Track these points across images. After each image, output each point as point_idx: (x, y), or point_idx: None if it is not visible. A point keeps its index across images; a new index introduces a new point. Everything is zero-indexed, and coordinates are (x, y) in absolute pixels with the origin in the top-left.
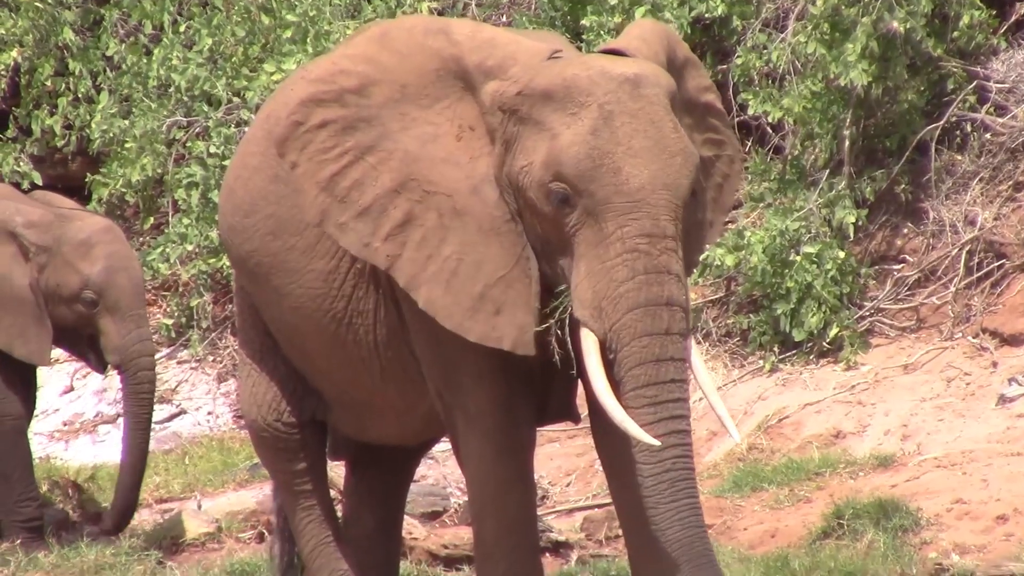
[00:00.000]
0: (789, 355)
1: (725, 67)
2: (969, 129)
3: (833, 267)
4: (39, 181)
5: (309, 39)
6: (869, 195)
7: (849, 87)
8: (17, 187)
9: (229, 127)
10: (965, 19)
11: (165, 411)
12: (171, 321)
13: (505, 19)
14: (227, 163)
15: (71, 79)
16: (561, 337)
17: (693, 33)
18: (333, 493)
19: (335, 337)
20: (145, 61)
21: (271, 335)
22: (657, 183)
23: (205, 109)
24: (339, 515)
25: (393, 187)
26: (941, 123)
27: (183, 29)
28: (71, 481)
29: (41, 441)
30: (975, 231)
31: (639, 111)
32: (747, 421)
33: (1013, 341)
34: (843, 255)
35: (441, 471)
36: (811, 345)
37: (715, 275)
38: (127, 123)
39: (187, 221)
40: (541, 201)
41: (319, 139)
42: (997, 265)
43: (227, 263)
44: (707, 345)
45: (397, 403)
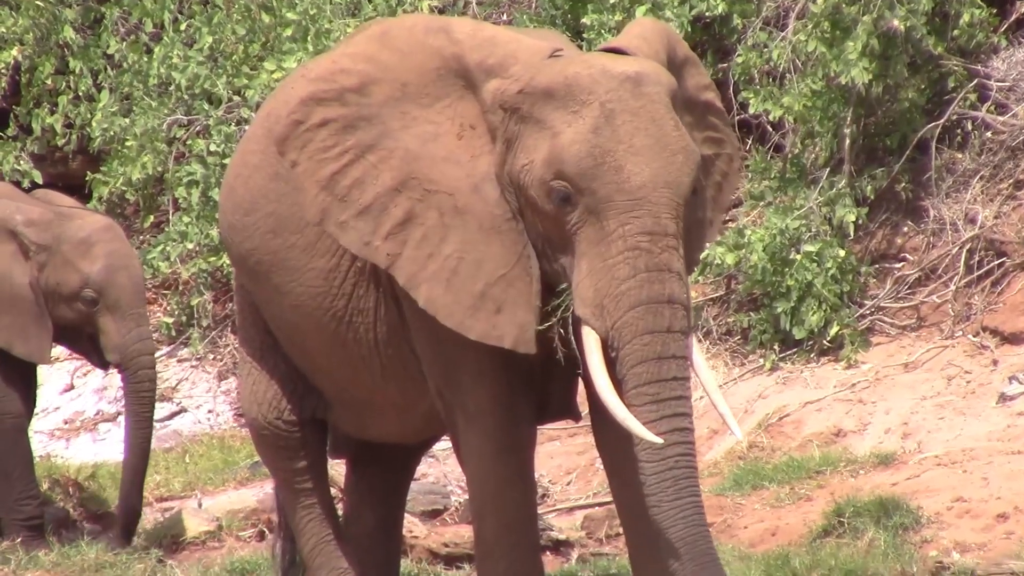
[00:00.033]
0: (790, 353)
1: (726, 65)
2: (970, 127)
3: (833, 265)
4: (39, 179)
5: (309, 37)
6: (869, 193)
7: (850, 85)
8: (17, 185)
9: (230, 125)
10: (965, 17)
11: (165, 409)
12: (171, 319)
13: (506, 17)
14: (227, 161)
15: (72, 77)
16: (564, 336)
17: (694, 31)
18: (334, 491)
19: (335, 335)
20: (146, 59)
21: (271, 333)
22: (659, 181)
23: (206, 107)
24: (340, 513)
25: (394, 186)
26: (942, 121)
27: (184, 27)
28: (71, 479)
29: (41, 439)
30: (975, 229)
31: (640, 109)
32: (748, 419)
33: (1013, 339)
34: (843, 253)
35: (442, 469)
36: (811, 343)
37: (715, 273)
38: (128, 121)
39: (187, 219)
40: (542, 199)
41: (319, 138)
42: (997, 263)
43: (227, 261)
44: (708, 343)
45: (398, 401)
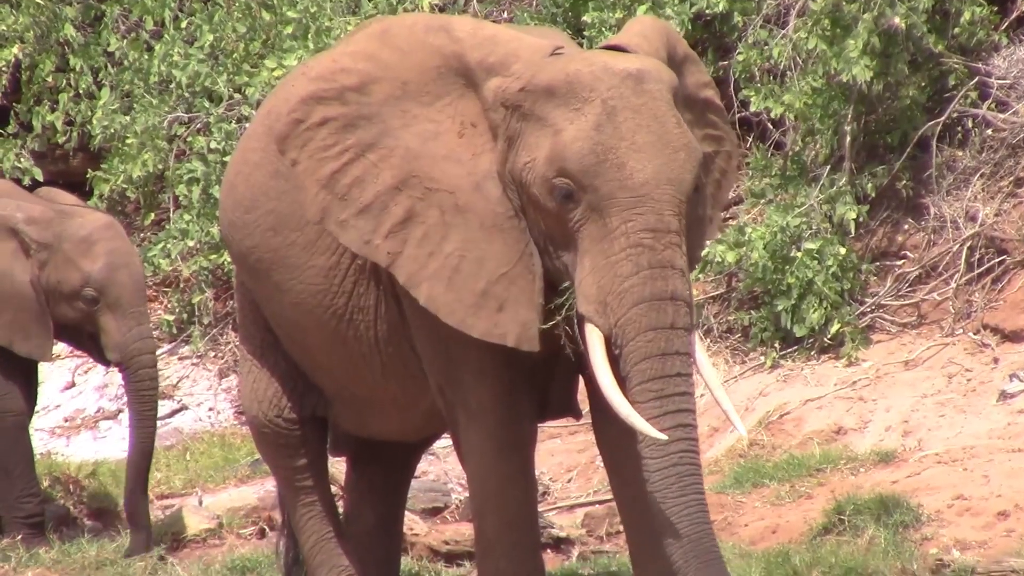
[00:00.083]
0: (790, 351)
1: (726, 63)
2: (970, 125)
3: (834, 263)
4: (40, 177)
5: (310, 35)
6: (870, 191)
7: (851, 83)
8: (18, 183)
9: (230, 123)
10: (966, 15)
11: (166, 407)
12: (172, 317)
13: (506, 15)
14: (228, 159)
15: (72, 75)
16: (571, 333)
17: (694, 29)
18: (334, 489)
19: (336, 333)
20: (146, 57)
21: (272, 331)
22: (661, 178)
23: (206, 105)
24: (340, 511)
25: (394, 184)
26: (942, 119)
27: (184, 25)
28: (72, 477)
29: (42, 437)
30: (976, 227)
31: (642, 106)
32: (748, 417)
33: (1014, 337)
34: (844, 251)
35: (442, 467)
36: (812, 341)
37: (716, 271)
38: (128, 119)
39: (188, 217)
40: (544, 197)
41: (320, 136)
42: (998, 261)
43: (228, 259)
44: (708, 341)
45: (398, 399)
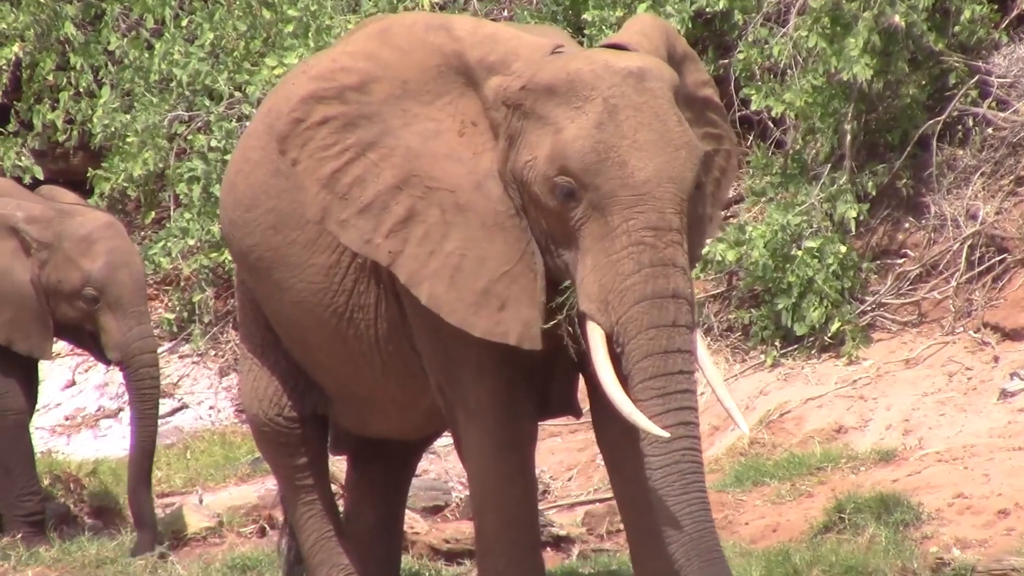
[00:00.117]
0: (791, 350)
1: (727, 62)
2: (971, 124)
3: (834, 262)
4: (40, 176)
5: (310, 34)
6: (871, 189)
7: (851, 82)
8: (19, 181)
9: (231, 121)
10: (966, 13)
11: (167, 405)
12: (173, 315)
13: (507, 14)
14: (228, 157)
15: (72, 73)
16: (574, 333)
17: (694, 27)
18: (335, 487)
19: (336, 332)
20: (147, 55)
21: (272, 330)
22: (662, 176)
23: (207, 103)
24: (341, 510)
25: (395, 183)
26: (943, 118)
27: (185, 23)
28: (73, 475)
29: (43, 435)
30: (976, 225)
31: (643, 105)
32: (749, 416)
33: (1014, 336)
34: (844, 249)
35: (443, 465)
36: (813, 340)
37: (716, 270)
38: (128, 117)
39: (188, 215)
40: (546, 195)
41: (320, 136)
42: (999, 259)
43: (229, 257)
44: (709, 340)
45: (398, 398)
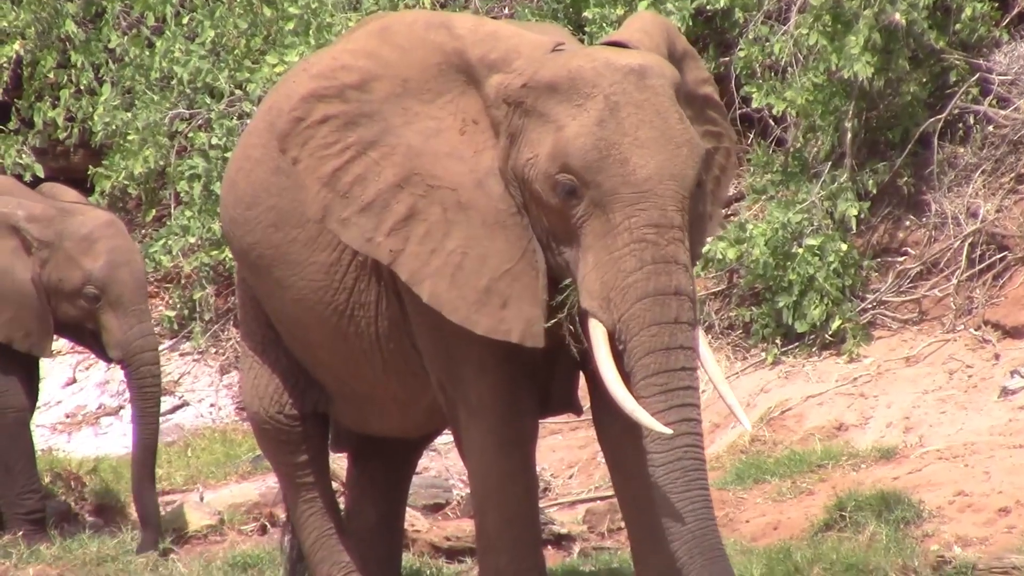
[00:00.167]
0: (791, 347)
1: (727, 59)
2: (971, 121)
3: (835, 259)
4: (41, 173)
5: (311, 31)
6: (871, 187)
7: (852, 79)
8: (19, 179)
9: (231, 119)
10: (967, 11)
11: (168, 403)
12: (173, 313)
13: (507, 11)
14: (229, 155)
15: (73, 71)
16: (575, 331)
17: (695, 25)
18: (336, 485)
19: (337, 329)
20: (147, 53)
21: (273, 327)
22: (664, 173)
23: (207, 101)
24: (342, 507)
25: (396, 182)
26: (943, 115)
27: (185, 21)
28: (73, 473)
29: (43, 433)
30: (977, 223)
31: (645, 102)
32: (750, 413)
33: (1015, 333)
34: (845, 247)
35: (443, 463)
36: (813, 337)
37: (717, 268)
38: (129, 115)
39: (189, 213)
40: (547, 193)
41: (320, 135)
42: (999, 257)
43: (229, 255)
44: (710, 338)
45: (399, 395)
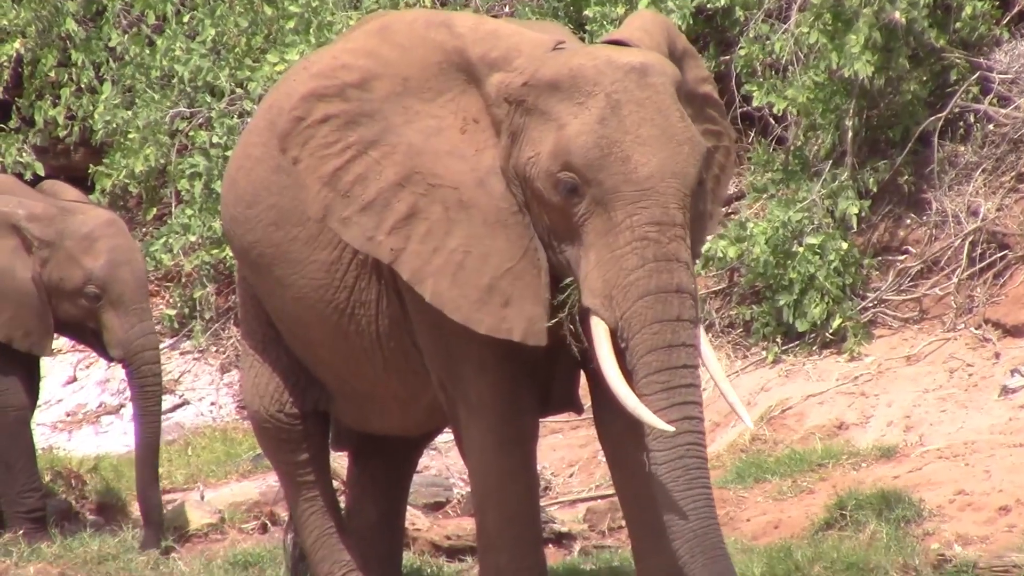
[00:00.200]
0: (792, 346)
1: (728, 58)
2: (972, 120)
3: (836, 258)
4: (41, 172)
5: (312, 30)
6: (872, 186)
7: (852, 78)
8: (20, 178)
9: (232, 118)
10: (968, 10)
11: (168, 402)
12: (174, 312)
13: (508, 10)
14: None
15: (74, 70)
16: (576, 331)
17: (695, 24)
18: (336, 484)
19: (337, 328)
20: (148, 52)
21: (274, 326)
22: (666, 171)
23: (208, 100)
24: (343, 506)
25: (397, 181)
26: (944, 114)
27: (186, 20)
28: (74, 472)
29: (44, 431)
30: (978, 222)
31: (646, 100)
32: (750, 412)
33: (1016, 332)
34: (846, 246)
35: (444, 462)
36: (814, 336)
37: (718, 266)
38: (130, 114)
39: (190, 212)
40: (549, 191)
41: (321, 134)
42: (1000, 256)
43: (230, 254)
44: (710, 336)
45: (400, 394)
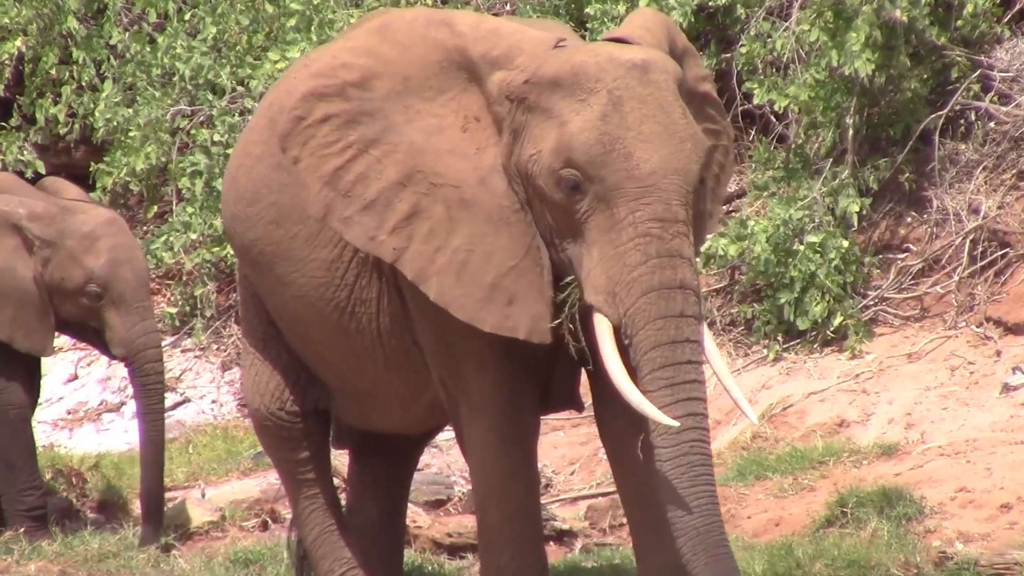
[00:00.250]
0: (793, 344)
1: (729, 56)
2: (973, 118)
3: (837, 256)
4: (42, 170)
5: (313, 28)
6: (873, 184)
7: (853, 76)
8: (21, 176)
9: (233, 116)
10: (968, 7)
11: (169, 400)
12: (175, 310)
13: (509, 8)
14: (231, 152)
15: (75, 68)
16: (575, 331)
17: (697, 21)
18: (337, 482)
19: (338, 326)
20: (149, 49)
21: (274, 324)
22: (668, 168)
23: (209, 98)
24: (343, 504)
25: (398, 180)
26: (945, 112)
27: (187, 17)
28: (75, 469)
29: (45, 429)
30: (979, 220)
31: (648, 97)
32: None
33: (1017, 330)
34: (847, 244)
35: (445, 459)
36: (815, 334)
37: (719, 265)
38: (131, 112)
39: (191, 210)
40: (551, 188)
41: (321, 133)
42: (1001, 254)
43: (231, 252)
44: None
45: (400, 392)
